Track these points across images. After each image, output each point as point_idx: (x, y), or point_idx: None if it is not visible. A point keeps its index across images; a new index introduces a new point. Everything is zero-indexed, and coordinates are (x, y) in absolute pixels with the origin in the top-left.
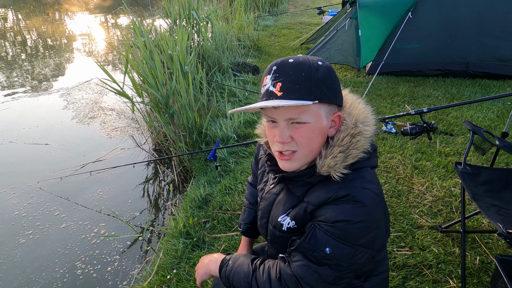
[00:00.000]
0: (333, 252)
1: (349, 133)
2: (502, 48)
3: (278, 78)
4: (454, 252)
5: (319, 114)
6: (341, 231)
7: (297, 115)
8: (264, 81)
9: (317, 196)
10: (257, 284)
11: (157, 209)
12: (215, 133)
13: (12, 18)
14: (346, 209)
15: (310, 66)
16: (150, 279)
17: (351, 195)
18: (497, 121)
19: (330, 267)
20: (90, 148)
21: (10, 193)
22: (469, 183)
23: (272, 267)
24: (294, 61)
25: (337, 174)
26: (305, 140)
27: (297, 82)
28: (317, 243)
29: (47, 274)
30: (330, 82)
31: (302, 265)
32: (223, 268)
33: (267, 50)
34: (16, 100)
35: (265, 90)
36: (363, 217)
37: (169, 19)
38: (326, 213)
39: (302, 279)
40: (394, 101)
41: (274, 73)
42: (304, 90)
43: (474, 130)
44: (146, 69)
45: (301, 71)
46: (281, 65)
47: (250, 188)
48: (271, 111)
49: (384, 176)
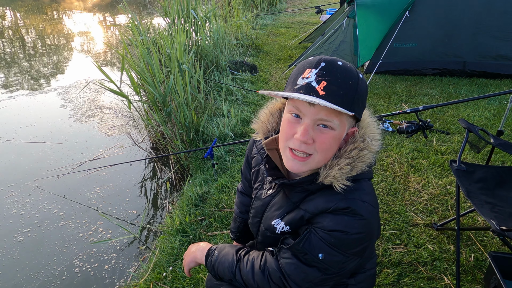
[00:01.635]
0: (325, 258)
1: (357, 147)
2: (499, 47)
3: (324, 76)
4: (449, 249)
5: (345, 125)
6: (337, 240)
7: (330, 117)
8: (305, 72)
9: (315, 205)
10: (241, 274)
11: (154, 207)
12: (212, 131)
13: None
14: (344, 220)
15: (357, 76)
16: (146, 276)
17: (351, 208)
18: (493, 119)
19: (319, 269)
20: (88, 146)
21: (7, 192)
22: (464, 180)
23: (257, 258)
24: (343, 65)
25: (340, 185)
26: (326, 146)
27: (342, 88)
28: (311, 247)
29: (45, 271)
30: (365, 98)
31: (291, 263)
32: (208, 257)
33: (265, 49)
34: (13, 99)
35: (306, 83)
36: (360, 229)
37: (167, 18)
38: (324, 221)
39: (289, 276)
40: (392, 100)
41: (321, 69)
42: (346, 98)
43: (469, 128)
44: (144, 67)
45: (349, 78)
46: (330, 63)
47: (240, 196)
48: (303, 105)
49: (380, 174)
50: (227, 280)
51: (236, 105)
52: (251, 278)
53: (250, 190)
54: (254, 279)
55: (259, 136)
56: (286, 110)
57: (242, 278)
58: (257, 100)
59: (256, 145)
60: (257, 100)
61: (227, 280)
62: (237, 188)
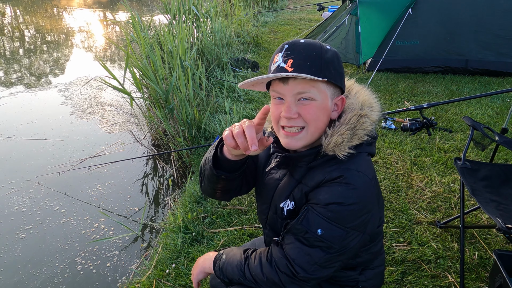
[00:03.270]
0: (324, 234)
1: (356, 114)
2: (502, 45)
3: (289, 55)
4: (452, 247)
5: (326, 93)
6: (333, 213)
7: (306, 89)
8: (274, 58)
9: (312, 177)
10: (250, 271)
11: (156, 204)
12: (214, 129)
13: (10, 13)
14: (338, 191)
15: (320, 47)
16: (149, 273)
17: (344, 177)
18: (496, 117)
19: (322, 249)
20: (89, 143)
21: (9, 188)
22: (469, 178)
23: (263, 252)
24: (305, 41)
25: (342, 153)
26: (312, 116)
27: (308, 59)
28: (309, 224)
29: (47, 269)
30: (337, 65)
31: (294, 247)
32: (216, 263)
33: (266, 46)
34: (14, 96)
35: (276, 66)
36: (355, 199)
37: (168, 15)
38: (320, 195)
39: (294, 260)
40: (394, 97)
41: (286, 50)
42: (314, 68)
43: (474, 125)
44: (146, 63)
45: (312, 50)
46: (292, 43)
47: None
48: (279, 86)
49: (383, 172)
50: (237, 281)
51: (238, 102)
52: (260, 272)
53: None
54: (263, 272)
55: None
56: (271, 99)
57: (251, 274)
58: (259, 98)
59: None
60: (259, 98)
61: (237, 281)
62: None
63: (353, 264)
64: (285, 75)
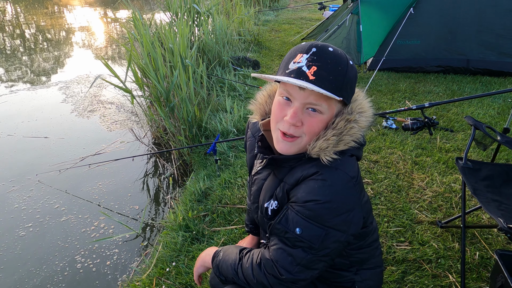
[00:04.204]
0: (303, 233)
1: (344, 118)
2: (503, 45)
3: (315, 62)
4: (453, 247)
5: (334, 109)
6: (310, 211)
7: (319, 101)
8: (296, 57)
9: (292, 174)
10: (242, 271)
11: (157, 202)
12: (215, 127)
13: (11, 11)
14: (315, 188)
15: (346, 62)
16: (149, 271)
17: (319, 173)
18: (497, 117)
19: (303, 249)
20: (90, 141)
21: (9, 186)
22: (470, 178)
23: (255, 254)
24: (334, 51)
25: (327, 157)
26: (314, 129)
27: (332, 73)
28: (288, 223)
29: (47, 267)
30: (354, 84)
31: (277, 248)
32: (214, 259)
33: (267, 45)
34: (14, 93)
35: (297, 67)
36: (331, 197)
37: (169, 13)
38: (298, 193)
39: (277, 262)
40: (395, 97)
41: (312, 54)
42: (335, 84)
43: (476, 125)
44: (148, 61)
45: (339, 64)
46: (321, 49)
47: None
48: (293, 89)
49: (384, 172)
50: (231, 280)
51: (239, 101)
52: (251, 273)
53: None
54: (253, 274)
55: (256, 118)
56: (277, 93)
57: (244, 275)
58: None
59: (251, 128)
60: None
61: (231, 280)
62: (248, 181)
63: (346, 264)
64: (305, 86)
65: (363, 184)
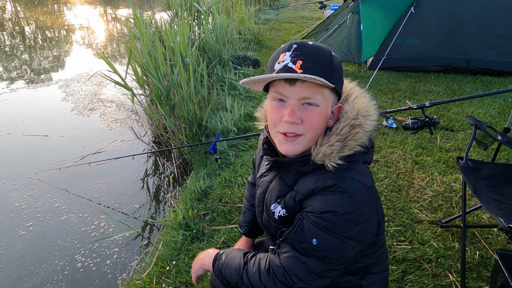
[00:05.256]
0: (320, 244)
1: (348, 124)
2: (504, 44)
3: (299, 56)
4: (453, 246)
5: (328, 100)
6: (328, 222)
7: (312, 94)
8: (280, 57)
9: (305, 185)
10: (248, 276)
11: (157, 201)
12: (215, 126)
13: (11, 9)
14: (333, 199)
15: (329, 52)
16: (149, 270)
17: (338, 185)
18: (498, 117)
19: (318, 258)
20: (90, 139)
21: (9, 185)
22: (471, 177)
23: (262, 259)
24: (314, 44)
25: (331, 163)
26: (314, 123)
27: (318, 63)
28: (304, 234)
29: (47, 266)
30: (341, 72)
31: (290, 256)
32: (216, 262)
33: (267, 44)
34: (14, 92)
35: (283, 66)
36: (350, 209)
37: (170, 11)
38: (314, 203)
39: (290, 270)
40: (395, 96)
41: (294, 50)
42: (324, 72)
43: (476, 124)
44: (148, 59)
45: (322, 54)
46: (302, 44)
47: (250, 189)
48: (284, 88)
49: (384, 171)
50: (234, 284)
51: (239, 100)
52: (258, 279)
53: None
54: (261, 280)
55: (262, 124)
56: (269, 99)
57: (249, 280)
58: (260, 95)
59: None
60: (260, 95)
61: (234, 285)
62: (248, 180)
63: (353, 270)
64: (297, 76)
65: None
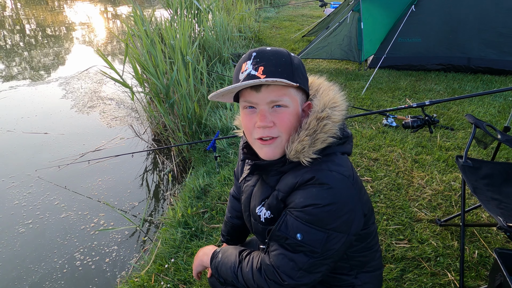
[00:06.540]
0: (304, 238)
1: (315, 117)
2: (504, 43)
3: (259, 63)
4: (452, 245)
5: (296, 100)
6: (311, 216)
7: (279, 97)
8: (243, 67)
9: (286, 182)
10: (242, 275)
11: (156, 199)
12: (215, 124)
13: (11, 6)
14: (313, 192)
15: (288, 53)
16: (147, 268)
17: (316, 178)
18: (498, 116)
19: (305, 254)
20: (89, 137)
21: (9, 182)
22: (470, 176)
23: (255, 258)
24: (272, 49)
25: (306, 159)
26: (287, 124)
27: (279, 66)
28: (288, 230)
29: (46, 264)
30: (303, 70)
31: (278, 254)
32: (213, 260)
33: (268, 42)
34: (14, 89)
35: (246, 74)
36: (331, 200)
37: (170, 9)
38: (296, 199)
39: (278, 268)
40: (395, 95)
41: (254, 58)
42: (286, 73)
43: (476, 123)
44: (147, 57)
45: (281, 57)
46: (260, 51)
47: (232, 201)
48: (251, 95)
49: (384, 170)
50: (230, 282)
51: None
52: (251, 278)
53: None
54: (253, 279)
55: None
56: (241, 109)
57: (244, 279)
58: None
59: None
60: None
61: (230, 282)
62: (230, 192)
63: (346, 268)
64: (259, 82)
65: (361, 181)
